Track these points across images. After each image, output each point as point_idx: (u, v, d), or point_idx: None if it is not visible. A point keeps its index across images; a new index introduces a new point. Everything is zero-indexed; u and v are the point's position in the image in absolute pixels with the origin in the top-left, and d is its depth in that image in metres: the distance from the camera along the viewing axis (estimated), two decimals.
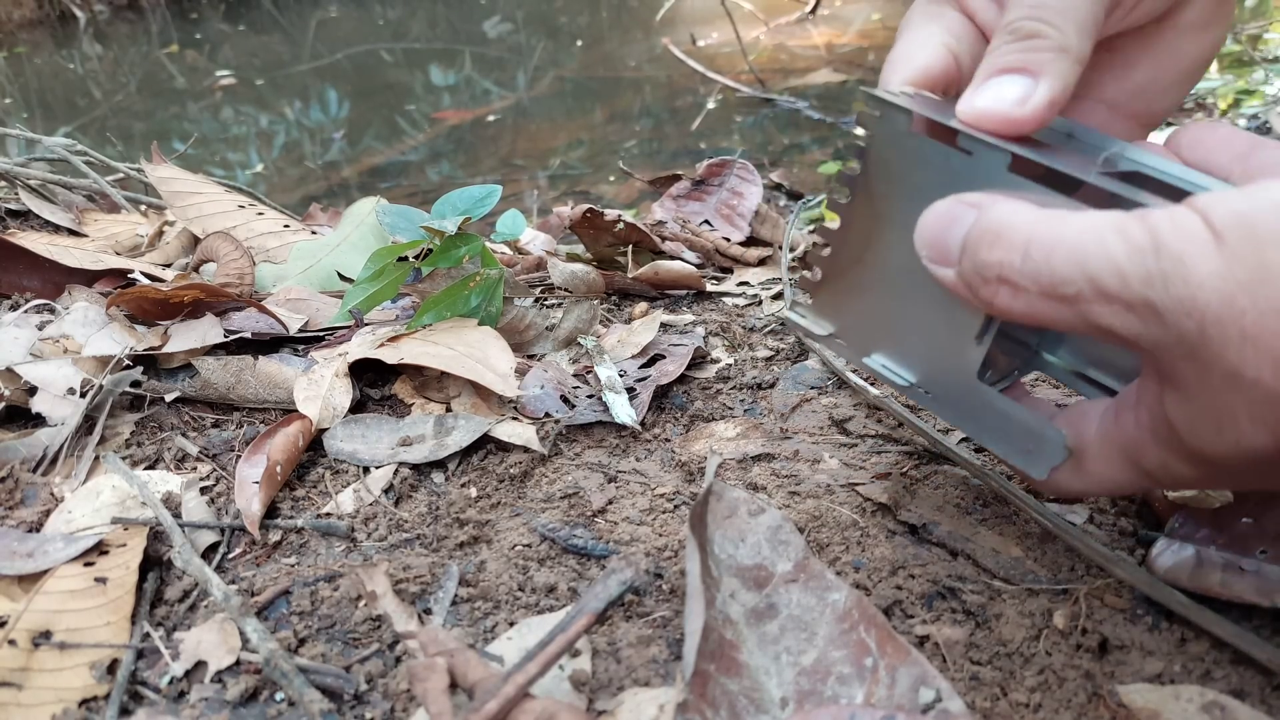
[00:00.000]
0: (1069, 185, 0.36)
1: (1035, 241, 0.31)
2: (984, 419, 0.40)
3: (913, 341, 0.41)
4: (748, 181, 1.14)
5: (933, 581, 0.46)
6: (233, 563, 0.51)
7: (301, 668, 0.41)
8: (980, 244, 0.33)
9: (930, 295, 0.39)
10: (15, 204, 1.00)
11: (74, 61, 4.36)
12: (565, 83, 3.17)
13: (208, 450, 0.60)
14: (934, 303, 0.39)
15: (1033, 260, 0.31)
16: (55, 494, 0.55)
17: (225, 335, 0.71)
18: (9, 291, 0.79)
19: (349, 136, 2.75)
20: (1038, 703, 0.39)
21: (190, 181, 0.98)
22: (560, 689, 0.40)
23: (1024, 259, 0.32)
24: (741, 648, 0.39)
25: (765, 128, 2.37)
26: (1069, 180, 0.36)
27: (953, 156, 0.38)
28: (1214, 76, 2.27)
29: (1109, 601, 0.44)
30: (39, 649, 0.43)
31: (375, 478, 0.57)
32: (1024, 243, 0.32)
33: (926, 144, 0.39)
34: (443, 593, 0.47)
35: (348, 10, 5.07)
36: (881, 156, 0.41)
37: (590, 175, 2.20)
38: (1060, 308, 0.31)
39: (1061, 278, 0.30)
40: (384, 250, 0.70)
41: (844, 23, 3.34)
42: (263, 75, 3.72)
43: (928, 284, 0.38)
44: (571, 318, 0.75)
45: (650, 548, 0.49)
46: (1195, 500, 0.47)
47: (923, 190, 0.38)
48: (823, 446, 0.60)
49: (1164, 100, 0.45)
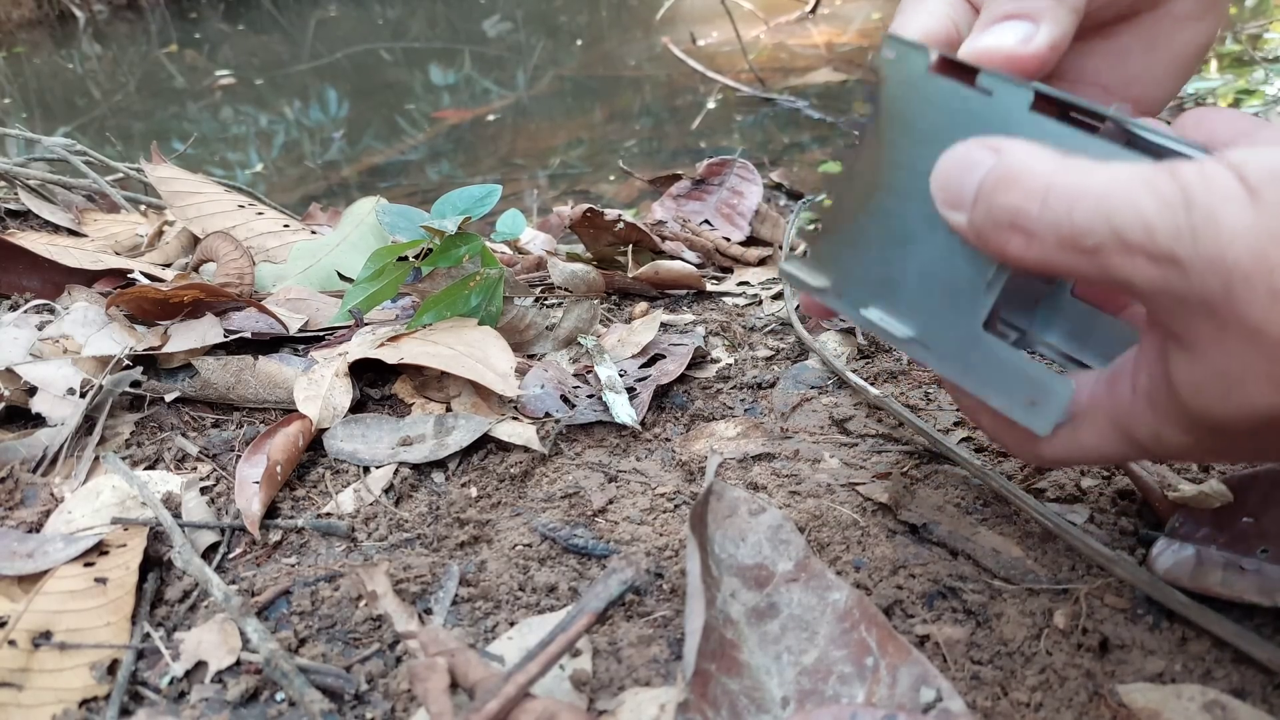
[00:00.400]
0: (1090, 129, 0.35)
1: (1055, 189, 0.31)
2: (985, 372, 0.38)
3: (914, 293, 0.40)
4: (748, 181, 1.14)
5: (933, 581, 0.46)
6: (233, 563, 0.51)
7: (302, 668, 0.41)
8: (996, 189, 0.33)
9: (937, 244, 0.38)
10: (15, 204, 1.00)
11: (73, 61, 4.36)
12: (565, 82, 3.17)
13: (208, 450, 0.60)
14: (941, 252, 0.39)
15: (1051, 209, 0.31)
16: (55, 494, 0.55)
17: (225, 335, 0.71)
18: (9, 291, 0.79)
19: (349, 136, 2.75)
20: (1038, 702, 0.39)
21: (190, 181, 0.98)
22: (561, 689, 0.39)
23: (1041, 207, 0.31)
24: (742, 647, 0.39)
25: (765, 127, 2.37)
26: (1091, 120, 0.35)
27: (971, 99, 0.37)
28: (1214, 76, 2.27)
29: (1110, 601, 0.44)
30: (39, 649, 0.43)
31: (375, 477, 0.56)
32: (1042, 190, 0.31)
33: (944, 86, 0.38)
34: (443, 592, 0.47)
35: (347, 10, 5.07)
36: (895, 100, 0.40)
37: (590, 175, 2.20)
38: (1077, 258, 0.30)
39: (1082, 228, 0.30)
40: (384, 250, 0.70)
41: (844, 22, 3.34)
42: (262, 75, 3.72)
43: (936, 232, 0.37)
44: (571, 317, 0.75)
45: (651, 547, 0.49)
46: (1195, 500, 0.47)
47: (938, 134, 0.38)
48: (823, 446, 0.60)
49: (1159, 90, 0.45)
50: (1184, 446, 0.34)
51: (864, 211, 0.42)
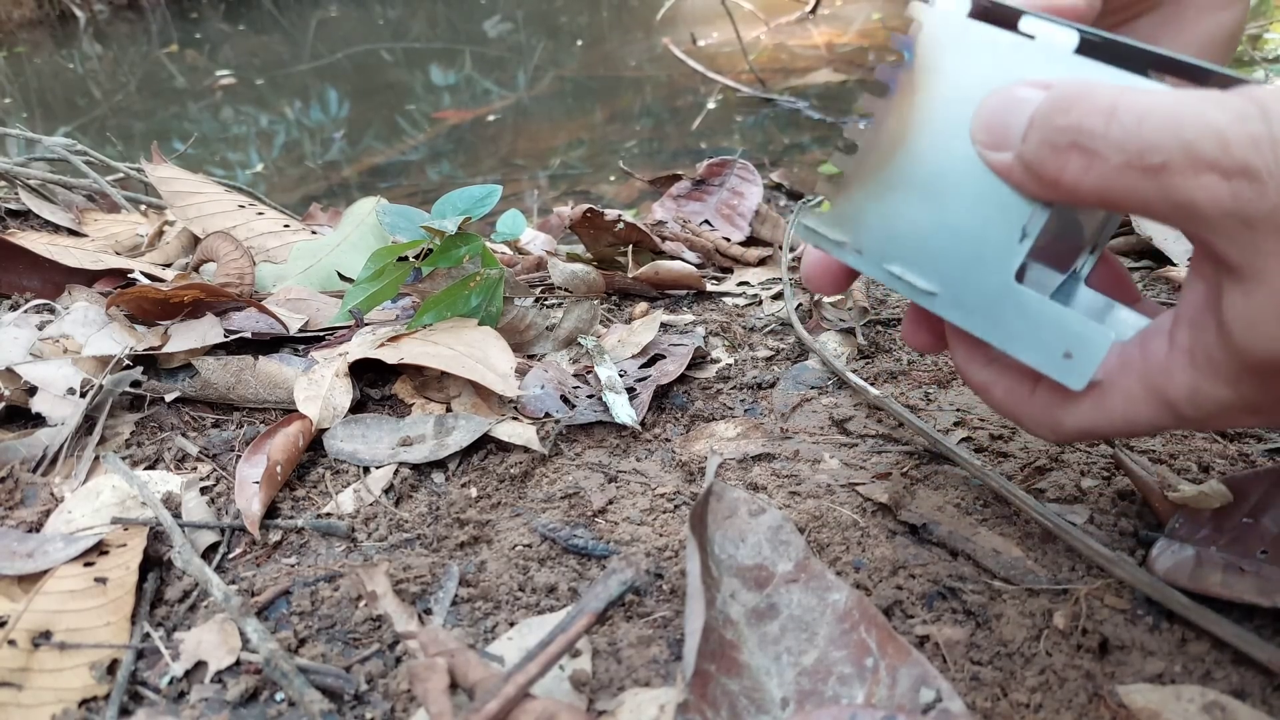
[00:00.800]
0: (1139, 73, 0.34)
1: (1122, 105, 0.30)
2: (1017, 325, 0.37)
3: (941, 248, 0.39)
4: (748, 181, 1.14)
5: (933, 581, 0.46)
6: (233, 563, 0.51)
7: (302, 668, 0.41)
8: (1054, 112, 0.32)
9: (969, 195, 0.38)
10: (15, 204, 1.00)
11: (74, 61, 4.36)
12: (565, 82, 3.17)
13: (208, 450, 0.60)
14: (973, 203, 0.38)
15: (1119, 123, 0.30)
16: (55, 494, 0.55)
17: (225, 335, 0.71)
18: (9, 291, 0.79)
19: (349, 136, 2.75)
20: (1038, 703, 0.39)
21: (190, 181, 0.98)
22: (561, 689, 0.39)
23: (1108, 122, 0.30)
24: (742, 648, 0.39)
25: (765, 127, 2.37)
26: (1141, 60, 0.35)
27: (1013, 44, 0.37)
28: None
29: (1109, 601, 0.44)
30: (39, 649, 0.43)
31: (375, 478, 0.57)
32: (1109, 106, 0.30)
33: (984, 32, 0.37)
34: (443, 593, 0.47)
35: (348, 10, 5.07)
36: (932, 48, 0.39)
37: (590, 175, 2.20)
38: (1140, 180, 0.30)
39: (1150, 144, 0.29)
40: (384, 250, 0.70)
41: (844, 22, 3.34)
42: (263, 75, 3.72)
43: (969, 181, 0.37)
44: (572, 318, 0.75)
45: (651, 548, 0.49)
46: (1195, 500, 0.47)
47: (977, 81, 0.37)
48: (823, 446, 0.60)
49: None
50: (1222, 404, 0.32)
51: (891, 164, 0.41)
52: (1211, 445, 0.58)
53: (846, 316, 0.80)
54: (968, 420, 0.62)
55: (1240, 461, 0.56)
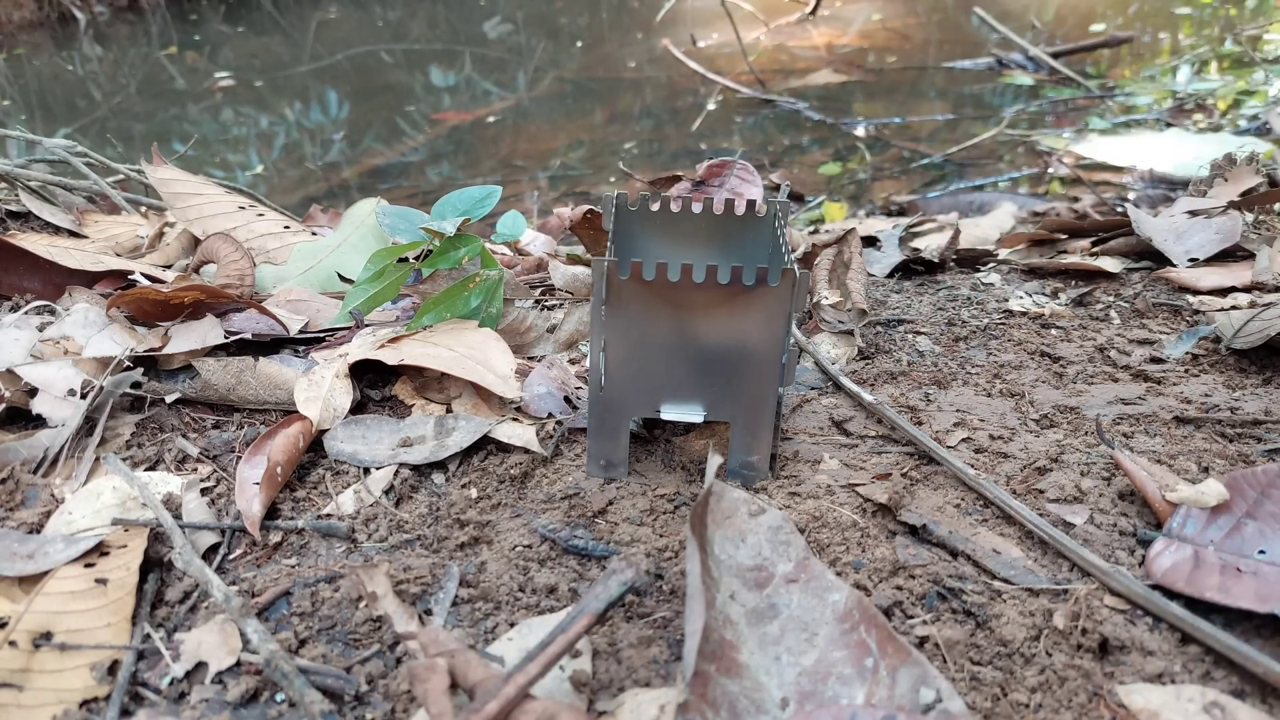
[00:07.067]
0: None
1: None
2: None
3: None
4: (748, 182, 1.14)
5: (933, 582, 0.46)
6: (233, 564, 0.51)
7: (302, 669, 0.41)
8: None
9: None
10: (16, 205, 1.00)
11: (74, 63, 4.36)
12: (565, 84, 3.17)
13: (208, 451, 0.60)
14: None
15: None
16: (56, 495, 0.55)
17: (226, 336, 0.71)
18: (9, 293, 0.79)
19: (349, 137, 2.75)
20: (1038, 703, 0.39)
21: (190, 183, 0.98)
22: (561, 689, 0.40)
23: None
24: (742, 648, 0.39)
25: (765, 128, 2.37)
26: None
27: None
28: (1214, 77, 2.27)
29: (1109, 602, 0.44)
30: (40, 650, 0.43)
31: (376, 479, 0.57)
32: None
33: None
34: (443, 593, 0.47)
35: (348, 11, 5.07)
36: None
37: (590, 176, 2.20)
38: None
39: None
40: (384, 251, 0.70)
41: (844, 23, 3.35)
42: (262, 76, 3.72)
43: None
44: (573, 319, 0.75)
45: (651, 548, 0.49)
46: (1194, 500, 0.47)
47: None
48: (823, 447, 0.60)
49: None
50: None
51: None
52: (1211, 445, 0.58)
53: (845, 318, 0.80)
54: (968, 420, 0.62)
55: (1239, 461, 0.56)
